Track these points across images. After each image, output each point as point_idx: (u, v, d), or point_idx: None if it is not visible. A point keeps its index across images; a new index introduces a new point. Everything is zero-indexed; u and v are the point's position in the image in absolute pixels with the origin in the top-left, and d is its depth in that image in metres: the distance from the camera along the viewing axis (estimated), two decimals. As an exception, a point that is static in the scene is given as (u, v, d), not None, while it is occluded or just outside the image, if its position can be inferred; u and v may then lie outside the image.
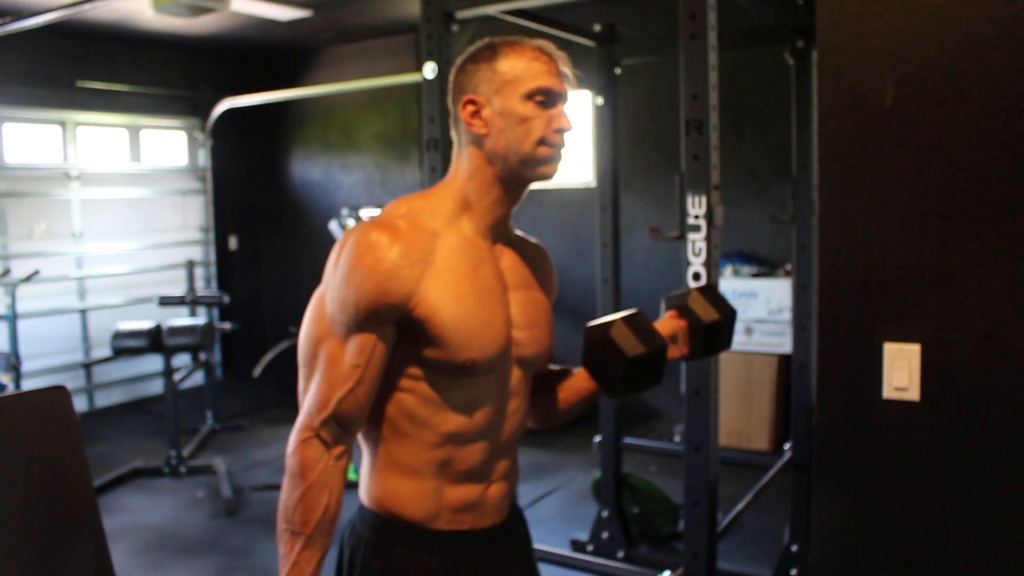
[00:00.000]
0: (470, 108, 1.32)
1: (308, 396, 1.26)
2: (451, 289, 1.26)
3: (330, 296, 1.26)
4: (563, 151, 1.33)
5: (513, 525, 1.41)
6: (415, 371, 1.28)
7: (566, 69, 1.35)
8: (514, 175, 1.32)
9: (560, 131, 1.31)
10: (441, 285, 1.25)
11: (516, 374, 1.36)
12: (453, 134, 1.37)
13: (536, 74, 1.30)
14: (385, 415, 1.29)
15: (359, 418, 1.25)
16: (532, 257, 1.45)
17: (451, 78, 1.36)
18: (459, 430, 1.29)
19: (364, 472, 1.35)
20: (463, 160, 1.35)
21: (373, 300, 1.22)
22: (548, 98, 1.31)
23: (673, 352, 1.50)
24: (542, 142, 1.30)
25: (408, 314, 1.24)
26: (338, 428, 1.24)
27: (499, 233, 1.37)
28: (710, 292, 1.54)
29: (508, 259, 1.38)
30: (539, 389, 1.49)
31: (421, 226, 1.28)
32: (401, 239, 1.24)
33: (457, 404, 1.28)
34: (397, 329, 1.26)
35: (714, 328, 1.50)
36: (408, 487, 1.29)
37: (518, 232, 1.46)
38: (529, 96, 1.29)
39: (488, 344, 1.28)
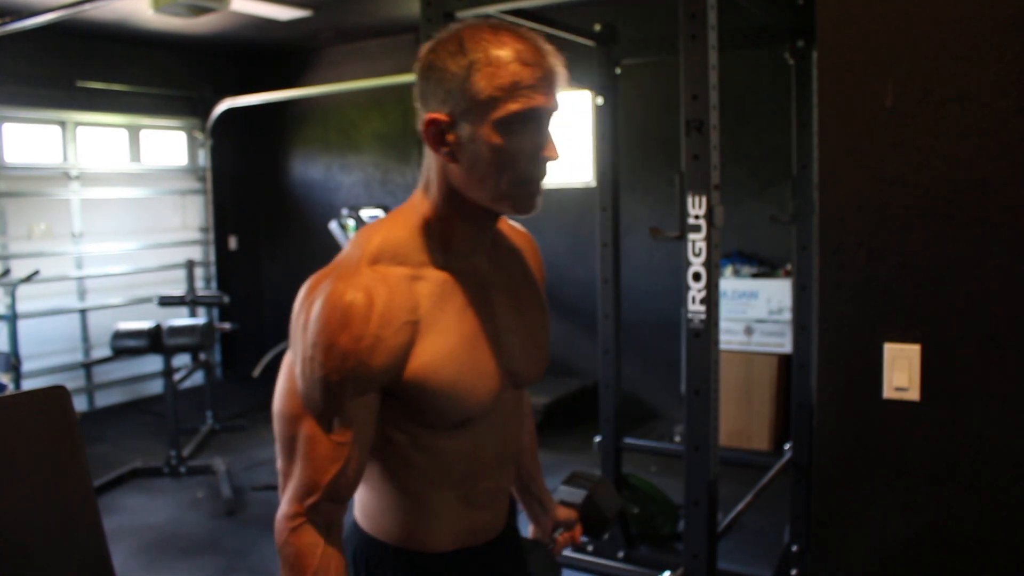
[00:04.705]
0: (432, 129, 1.09)
1: (292, 480, 1.11)
2: (441, 349, 1.11)
3: (301, 371, 1.09)
4: (544, 180, 1.13)
5: (510, 524, 1.37)
6: (407, 426, 1.15)
7: (557, 69, 1.10)
8: (486, 208, 1.13)
9: (544, 162, 1.10)
10: (431, 345, 1.10)
11: (511, 398, 1.25)
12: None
13: (518, 91, 1.05)
14: (383, 463, 1.19)
15: (351, 491, 1.14)
16: (519, 252, 1.31)
17: (416, 73, 1.12)
18: (463, 469, 1.19)
19: (365, 497, 1.24)
20: (432, 178, 1.15)
21: (357, 378, 1.06)
22: (532, 121, 1.08)
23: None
24: (522, 181, 1.09)
25: (397, 381, 1.10)
26: (330, 504, 1.11)
27: (479, 248, 1.20)
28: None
29: (494, 273, 1.22)
30: None
31: (396, 275, 1.10)
32: (380, 302, 1.06)
33: (456, 448, 1.18)
34: (383, 393, 1.11)
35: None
36: (419, 520, 1.20)
37: (500, 223, 1.29)
38: (508, 123, 1.06)
39: (484, 395, 1.16)
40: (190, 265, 5.62)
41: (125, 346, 4.56)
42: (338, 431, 1.09)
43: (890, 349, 1.55)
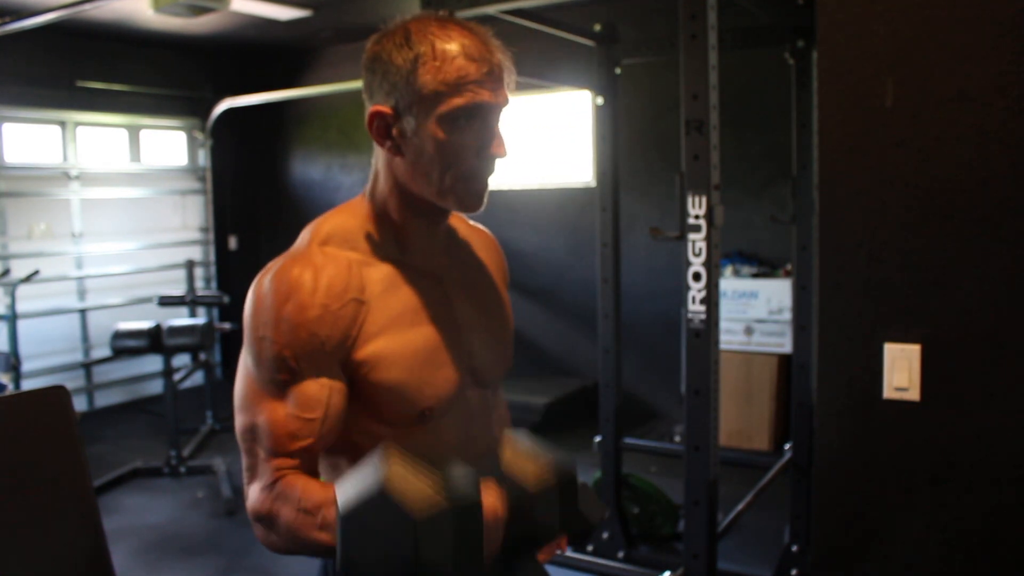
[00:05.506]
0: (377, 122, 1.08)
1: (258, 465, 1.07)
2: (392, 336, 1.08)
3: (256, 358, 1.06)
4: (493, 176, 1.11)
5: None
6: (369, 426, 1.11)
7: (505, 64, 1.08)
8: (433, 203, 1.12)
9: (492, 159, 1.08)
10: (380, 331, 1.08)
11: (477, 396, 1.22)
12: None
13: (463, 86, 1.03)
14: (349, 471, 1.13)
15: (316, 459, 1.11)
16: (477, 250, 1.28)
17: (362, 65, 1.09)
18: None
19: None
20: (380, 172, 1.14)
21: (312, 351, 1.04)
22: (478, 117, 1.06)
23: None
24: (466, 177, 1.08)
25: (348, 360, 1.07)
26: (301, 471, 1.07)
27: (434, 244, 1.18)
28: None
29: (450, 270, 1.20)
30: None
31: (346, 257, 1.09)
32: (326, 275, 1.05)
33: (419, 447, 1.10)
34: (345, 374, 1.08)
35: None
36: None
37: (458, 222, 1.27)
38: (453, 118, 1.04)
39: (442, 388, 1.13)
40: (190, 265, 5.62)
41: (125, 346, 4.56)
42: (304, 408, 1.05)
43: (890, 349, 1.55)
